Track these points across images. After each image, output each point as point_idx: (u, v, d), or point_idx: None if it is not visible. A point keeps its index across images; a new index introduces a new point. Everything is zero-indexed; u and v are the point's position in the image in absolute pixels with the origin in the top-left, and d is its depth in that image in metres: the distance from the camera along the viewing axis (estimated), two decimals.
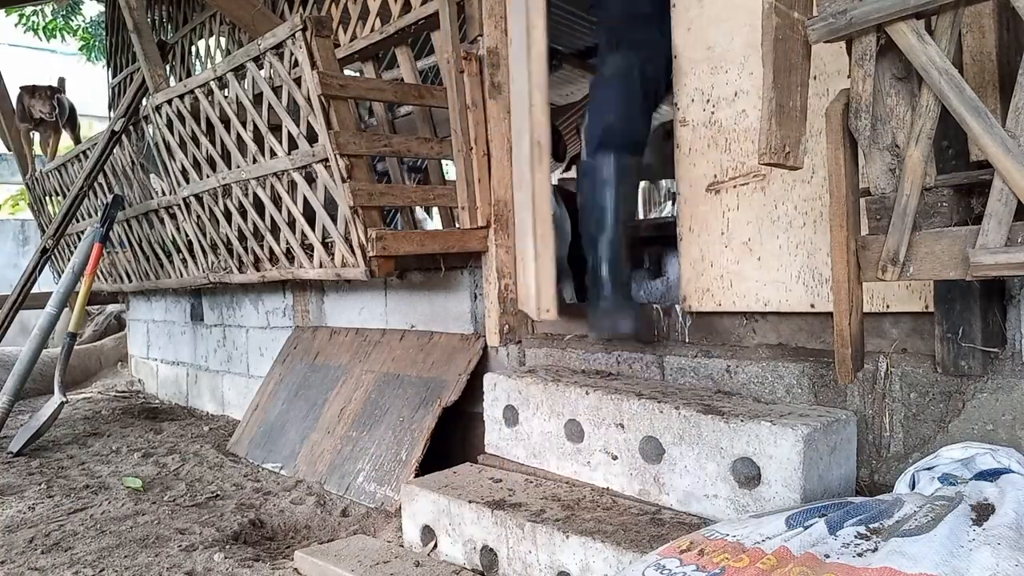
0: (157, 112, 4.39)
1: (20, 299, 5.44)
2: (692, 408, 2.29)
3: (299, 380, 4.29)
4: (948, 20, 1.62)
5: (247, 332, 5.23)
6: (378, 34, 3.72)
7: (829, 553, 1.56)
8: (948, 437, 2.06)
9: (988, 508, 1.62)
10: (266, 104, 3.58)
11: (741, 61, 2.57)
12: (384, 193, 3.35)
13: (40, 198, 6.58)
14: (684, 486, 2.28)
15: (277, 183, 3.65)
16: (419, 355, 3.66)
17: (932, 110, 1.63)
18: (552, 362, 3.16)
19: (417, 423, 3.31)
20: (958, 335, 1.99)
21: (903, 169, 1.69)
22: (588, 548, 2.11)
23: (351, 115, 3.28)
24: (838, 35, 1.74)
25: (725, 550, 1.65)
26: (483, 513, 2.43)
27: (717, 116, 2.65)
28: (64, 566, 2.69)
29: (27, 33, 9.61)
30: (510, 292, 3.46)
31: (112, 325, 8.14)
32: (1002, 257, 1.55)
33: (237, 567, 2.65)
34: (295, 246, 3.72)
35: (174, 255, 5.02)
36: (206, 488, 3.59)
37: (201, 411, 5.67)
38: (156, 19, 6.17)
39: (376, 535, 2.93)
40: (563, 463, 2.66)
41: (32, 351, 4.68)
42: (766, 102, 1.77)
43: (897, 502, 1.71)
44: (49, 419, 4.45)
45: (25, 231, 11.33)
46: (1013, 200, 1.54)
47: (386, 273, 3.32)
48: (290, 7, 4.65)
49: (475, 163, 3.36)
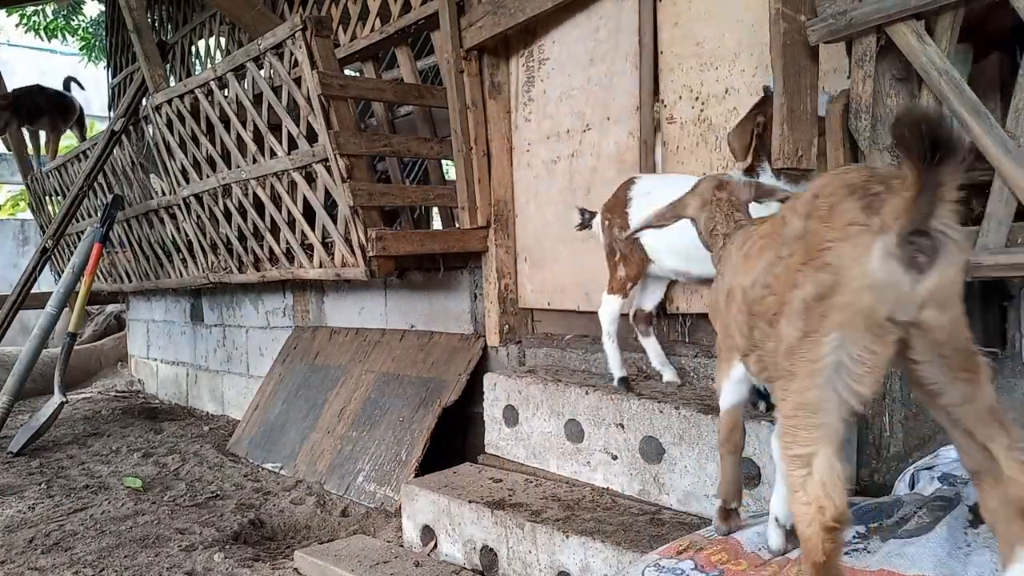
0: (157, 112, 4.39)
1: (20, 299, 5.44)
2: (692, 408, 2.29)
3: (299, 380, 4.30)
4: (948, 20, 1.62)
5: (247, 332, 5.23)
6: (378, 34, 3.72)
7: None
8: (948, 437, 2.05)
9: None
10: (266, 104, 3.59)
11: (732, 58, 2.56)
12: (384, 193, 3.35)
13: (40, 198, 6.58)
14: (684, 486, 2.28)
15: (277, 183, 3.65)
16: (419, 355, 3.66)
17: None
18: (552, 362, 3.17)
19: (417, 423, 3.31)
20: None
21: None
22: (588, 548, 2.11)
23: (351, 115, 3.28)
24: (838, 36, 1.75)
25: (725, 551, 1.66)
26: (483, 513, 2.44)
27: (707, 114, 2.65)
28: (64, 566, 2.69)
29: (28, 33, 9.62)
30: (510, 292, 3.46)
31: (112, 325, 8.14)
32: (1002, 258, 1.55)
33: (237, 567, 2.65)
34: (295, 246, 3.73)
35: (174, 255, 5.02)
36: (206, 488, 3.59)
37: (201, 411, 5.67)
38: (156, 19, 6.17)
39: (376, 535, 2.93)
40: (563, 463, 2.66)
41: (32, 351, 4.68)
42: (777, 107, 1.78)
43: (896, 502, 1.71)
44: (49, 419, 4.45)
45: (25, 231, 11.32)
46: (1013, 201, 1.54)
47: (386, 273, 3.32)
48: (290, 7, 4.65)
49: (475, 163, 3.36)
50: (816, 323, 1.15)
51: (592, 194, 3.01)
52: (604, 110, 3.00)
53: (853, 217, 1.12)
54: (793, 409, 1.20)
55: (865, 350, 1.12)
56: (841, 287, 1.12)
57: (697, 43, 2.65)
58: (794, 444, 1.19)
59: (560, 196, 3.22)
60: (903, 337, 1.13)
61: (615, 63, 2.94)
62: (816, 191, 1.22)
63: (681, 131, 2.72)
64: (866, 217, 1.11)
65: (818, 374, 1.15)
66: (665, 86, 2.76)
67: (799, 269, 1.19)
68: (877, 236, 1.09)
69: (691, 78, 2.68)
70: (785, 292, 1.22)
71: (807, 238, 1.19)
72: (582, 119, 3.10)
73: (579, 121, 3.11)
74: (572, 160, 3.16)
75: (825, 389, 1.15)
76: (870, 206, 1.11)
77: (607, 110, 2.99)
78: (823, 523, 1.15)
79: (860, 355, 1.13)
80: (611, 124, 2.98)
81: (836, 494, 1.15)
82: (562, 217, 3.18)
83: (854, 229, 1.11)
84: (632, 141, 2.89)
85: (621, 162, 2.93)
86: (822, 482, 1.16)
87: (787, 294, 1.22)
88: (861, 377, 1.14)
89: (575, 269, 3.16)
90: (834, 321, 1.13)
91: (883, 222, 1.09)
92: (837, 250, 1.13)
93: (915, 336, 1.13)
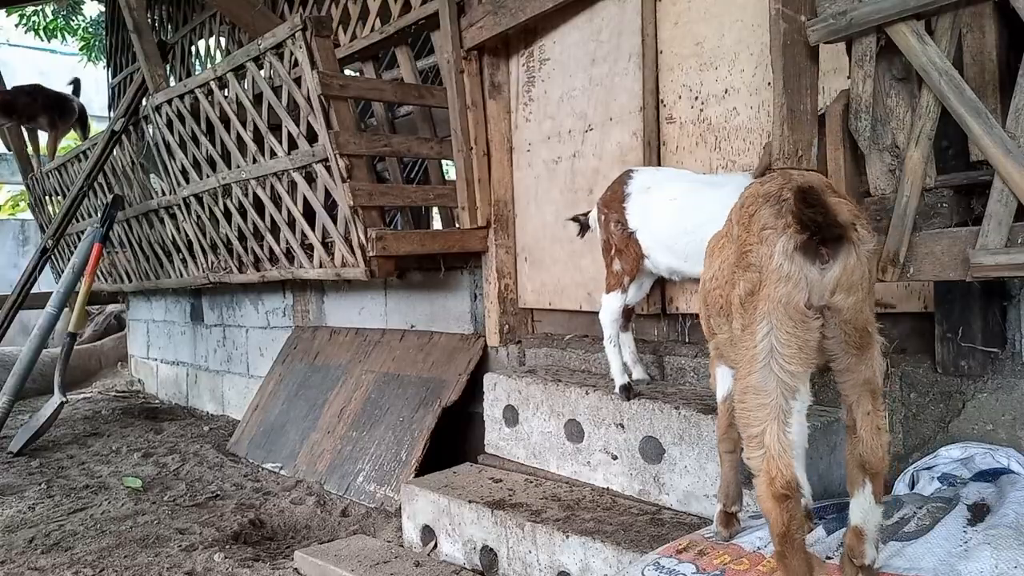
0: (157, 112, 4.39)
1: (20, 299, 5.44)
2: (692, 408, 2.29)
3: (299, 380, 4.30)
4: (948, 21, 1.62)
5: (247, 332, 5.23)
6: (378, 34, 3.72)
7: (829, 554, 1.57)
8: (948, 437, 2.06)
9: (984, 508, 1.62)
10: (266, 104, 3.59)
11: (731, 58, 2.56)
12: (384, 193, 3.35)
13: (40, 198, 6.57)
14: (684, 486, 2.28)
15: (277, 183, 3.65)
16: (419, 355, 3.66)
17: (932, 111, 1.63)
18: (552, 362, 3.17)
19: (417, 423, 3.31)
20: (958, 335, 1.99)
21: (903, 170, 1.69)
22: (588, 548, 2.11)
23: (351, 115, 3.28)
24: (838, 36, 1.74)
25: (727, 552, 1.66)
26: (483, 513, 2.44)
27: (706, 114, 2.65)
28: (64, 566, 2.69)
29: (28, 33, 9.61)
30: (510, 292, 3.46)
31: (112, 325, 8.13)
32: (1002, 258, 1.55)
33: (237, 567, 2.65)
34: (295, 246, 3.73)
35: (174, 255, 5.02)
36: (206, 488, 3.59)
37: (201, 411, 5.67)
38: (156, 19, 6.17)
39: (376, 535, 2.93)
40: (563, 463, 2.66)
41: (32, 351, 4.68)
42: (777, 107, 1.78)
43: (896, 503, 1.71)
44: (49, 419, 4.45)
45: (25, 231, 11.32)
46: (1013, 201, 1.54)
47: (386, 273, 3.32)
48: (290, 7, 4.66)
49: (475, 163, 3.36)
50: (751, 315, 1.33)
51: (594, 194, 3.01)
52: (606, 110, 3.00)
53: (765, 222, 1.31)
54: (742, 393, 1.36)
55: (790, 335, 1.29)
56: (763, 282, 1.30)
57: (697, 43, 2.65)
58: (748, 425, 1.34)
59: (561, 196, 3.22)
60: (823, 323, 1.30)
61: (617, 63, 2.94)
62: (743, 200, 1.42)
63: (680, 131, 2.72)
64: (775, 221, 1.30)
65: (756, 359, 1.32)
66: (665, 86, 2.76)
67: (734, 271, 1.38)
68: (781, 236, 1.28)
69: (691, 78, 2.68)
70: (729, 291, 1.41)
71: (737, 243, 1.38)
72: (584, 119, 3.10)
73: (581, 121, 3.11)
74: (574, 160, 3.16)
75: (764, 372, 1.31)
76: (780, 211, 1.30)
77: (609, 110, 2.99)
78: (774, 492, 1.29)
79: (787, 339, 1.30)
80: (613, 124, 2.98)
81: (783, 464, 1.30)
82: (562, 217, 3.18)
83: (766, 232, 1.31)
84: (635, 141, 2.89)
85: (623, 162, 2.93)
86: (771, 455, 1.30)
87: (730, 293, 1.40)
88: (790, 358, 1.30)
89: (575, 269, 3.16)
90: (762, 311, 1.31)
91: (787, 223, 1.28)
92: (756, 251, 1.32)
93: (827, 316, 1.30)
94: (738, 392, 1.37)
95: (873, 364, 1.36)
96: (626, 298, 2.53)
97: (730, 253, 1.42)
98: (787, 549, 1.30)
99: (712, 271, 1.53)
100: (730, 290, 1.39)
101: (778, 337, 1.29)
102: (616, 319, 2.53)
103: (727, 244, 1.47)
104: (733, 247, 1.40)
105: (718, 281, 1.47)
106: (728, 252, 1.44)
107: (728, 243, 1.46)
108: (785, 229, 1.28)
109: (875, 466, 1.37)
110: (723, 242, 1.51)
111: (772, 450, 1.30)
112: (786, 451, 1.30)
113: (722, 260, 1.47)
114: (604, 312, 2.54)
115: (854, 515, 1.38)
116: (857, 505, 1.38)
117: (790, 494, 1.28)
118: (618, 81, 2.94)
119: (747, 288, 1.33)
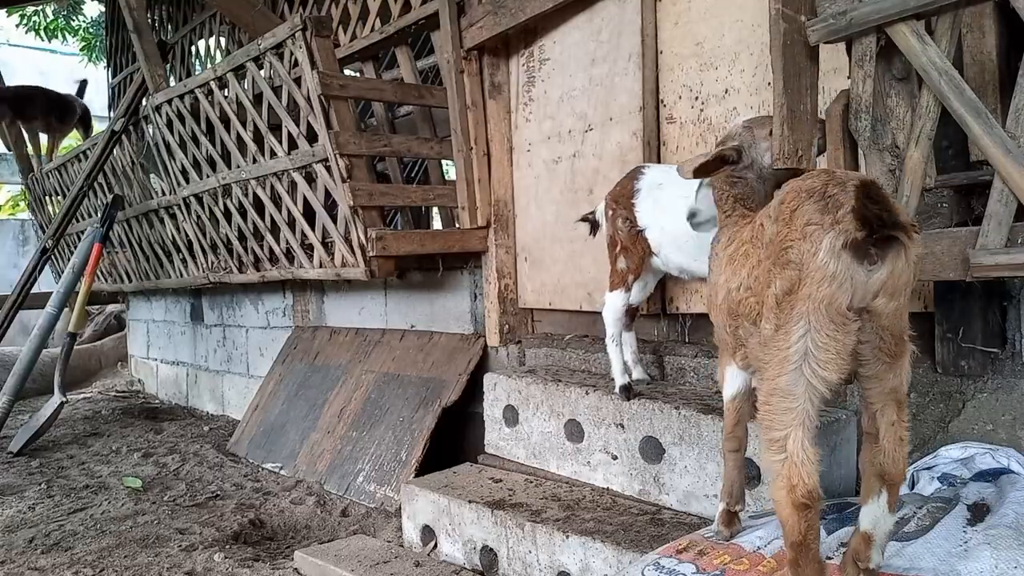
0: (157, 112, 4.39)
1: (20, 299, 5.44)
2: (692, 408, 2.29)
3: (299, 380, 4.30)
4: (948, 21, 1.62)
5: (247, 332, 5.23)
6: (378, 34, 3.72)
7: (829, 554, 1.57)
8: (948, 437, 2.06)
9: (983, 508, 1.62)
10: (266, 104, 3.59)
11: (732, 58, 2.56)
12: (384, 193, 3.35)
13: (40, 198, 6.57)
14: (684, 486, 2.28)
15: (277, 183, 3.65)
16: (419, 355, 3.66)
17: (932, 111, 1.63)
18: (552, 362, 3.17)
19: (417, 423, 3.31)
20: (958, 335, 1.99)
21: (903, 170, 1.69)
22: (588, 548, 2.11)
23: (351, 115, 3.28)
24: (838, 36, 1.74)
25: (727, 552, 1.66)
26: (483, 513, 2.44)
27: (707, 114, 2.65)
28: (64, 566, 2.69)
29: (28, 33, 9.62)
30: (510, 292, 3.46)
31: (112, 325, 8.14)
32: (1002, 258, 1.55)
33: (237, 567, 2.65)
34: (295, 246, 3.73)
35: (174, 255, 5.02)
36: (206, 488, 3.59)
37: (201, 411, 5.67)
38: (156, 19, 6.17)
39: (376, 535, 2.93)
40: (563, 463, 2.66)
41: (32, 351, 4.68)
42: (777, 107, 1.78)
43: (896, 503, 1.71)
44: (49, 419, 4.45)
45: (25, 231, 11.33)
46: (1013, 201, 1.54)
47: (386, 273, 3.32)
48: (290, 7, 4.66)
49: (475, 163, 3.36)
50: (786, 315, 1.27)
51: (594, 194, 3.01)
52: (606, 110, 3.00)
53: (810, 218, 1.25)
54: (767, 395, 1.31)
55: (828, 338, 1.24)
56: (804, 280, 1.24)
57: (697, 43, 2.65)
58: (771, 428, 1.30)
59: (561, 196, 3.22)
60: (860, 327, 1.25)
61: (617, 63, 2.94)
62: (782, 197, 1.35)
63: (681, 131, 2.72)
64: (821, 217, 1.24)
65: (788, 361, 1.27)
66: (665, 86, 2.76)
67: (770, 269, 1.32)
68: (828, 232, 1.22)
69: (691, 78, 2.68)
70: (762, 292, 1.35)
71: (776, 240, 1.32)
72: (584, 119, 3.10)
73: (581, 121, 3.11)
74: (574, 160, 3.16)
75: (795, 375, 1.27)
76: (826, 207, 1.24)
77: (609, 110, 2.99)
78: (794, 500, 1.25)
79: (824, 342, 1.24)
80: (613, 124, 2.98)
81: (807, 473, 1.26)
82: (563, 217, 3.18)
83: (810, 228, 1.24)
84: (635, 141, 2.89)
85: (623, 162, 2.93)
86: (793, 462, 1.27)
87: (764, 293, 1.34)
88: (826, 363, 1.25)
89: (575, 269, 3.16)
90: (800, 311, 1.25)
91: (835, 219, 1.22)
92: (797, 247, 1.26)
93: (865, 320, 1.25)
94: (763, 394, 1.32)
95: (902, 373, 1.32)
96: (629, 297, 2.51)
97: (763, 255, 1.36)
98: (802, 558, 1.28)
99: (738, 279, 1.47)
100: (764, 291, 1.33)
101: (815, 340, 1.24)
102: (619, 317, 2.51)
103: (753, 249, 1.42)
104: (768, 248, 1.34)
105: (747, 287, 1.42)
106: (756, 256, 1.39)
107: (754, 248, 1.41)
108: (833, 225, 1.21)
109: (895, 477, 1.33)
110: (747, 248, 1.45)
111: (795, 456, 1.26)
112: (810, 459, 1.26)
113: (751, 266, 1.42)
114: (607, 310, 2.52)
115: (864, 521, 1.36)
116: (869, 512, 1.35)
117: (811, 504, 1.25)
118: (618, 81, 2.94)
119: (784, 287, 1.27)
